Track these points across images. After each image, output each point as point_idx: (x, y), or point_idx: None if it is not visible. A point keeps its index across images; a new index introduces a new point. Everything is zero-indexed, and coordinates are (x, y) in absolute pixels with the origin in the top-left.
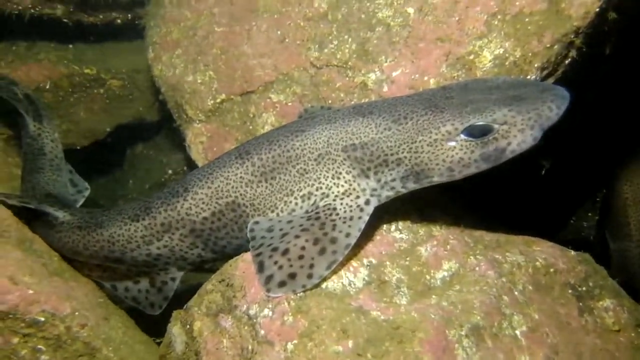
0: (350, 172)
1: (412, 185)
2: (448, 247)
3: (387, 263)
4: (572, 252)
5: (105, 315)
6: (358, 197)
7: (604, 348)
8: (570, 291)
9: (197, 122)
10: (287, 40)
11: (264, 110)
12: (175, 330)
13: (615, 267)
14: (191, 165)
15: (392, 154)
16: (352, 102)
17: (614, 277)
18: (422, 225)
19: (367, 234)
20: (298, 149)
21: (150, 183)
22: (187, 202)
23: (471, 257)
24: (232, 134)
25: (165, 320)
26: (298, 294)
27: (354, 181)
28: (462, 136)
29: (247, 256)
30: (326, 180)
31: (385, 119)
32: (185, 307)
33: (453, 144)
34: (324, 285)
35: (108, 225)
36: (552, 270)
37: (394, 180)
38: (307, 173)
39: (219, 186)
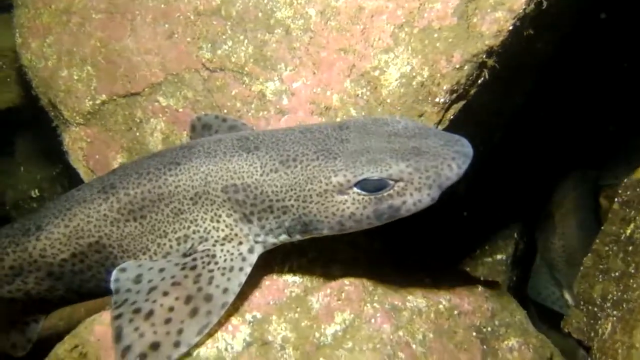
0: (232, 215)
1: (299, 236)
2: (343, 295)
3: (274, 318)
4: (480, 288)
5: None
6: (240, 243)
7: None
8: (474, 334)
9: (75, 125)
10: (175, 36)
11: (152, 115)
12: None
13: (540, 256)
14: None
15: (277, 200)
16: (249, 114)
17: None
18: (318, 265)
19: (255, 278)
20: (171, 185)
21: (44, 174)
22: (40, 242)
23: (368, 305)
24: (116, 140)
25: None
26: None
27: (236, 226)
28: (355, 189)
29: (106, 317)
30: (204, 223)
31: (272, 159)
32: None
33: (344, 197)
34: (194, 353)
35: None
36: (456, 312)
37: (279, 228)
38: (182, 213)
39: (78, 224)
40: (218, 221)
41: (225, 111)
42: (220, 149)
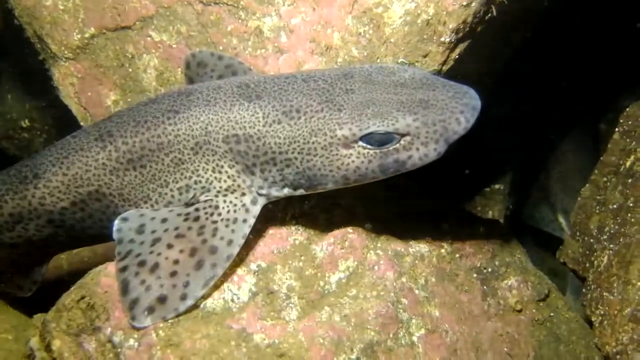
0: (234, 166)
1: (303, 190)
2: (346, 243)
3: (278, 267)
4: (481, 229)
5: None
6: (243, 194)
7: (504, 332)
8: (475, 275)
9: (64, 59)
10: None
11: (144, 50)
12: (34, 343)
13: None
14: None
15: (280, 153)
16: (246, 52)
17: None
18: (321, 211)
19: (258, 227)
20: (170, 134)
21: (33, 103)
22: (38, 190)
23: (371, 252)
24: (108, 76)
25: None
26: (169, 321)
27: (238, 177)
28: (361, 143)
29: (111, 269)
30: (205, 173)
31: (275, 109)
32: (43, 320)
33: (350, 151)
34: (201, 304)
35: None
36: (457, 255)
37: (282, 180)
38: (183, 163)
39: (77, 173)
40: (220, 172)
41: (221, 48)
42: (220, 96)
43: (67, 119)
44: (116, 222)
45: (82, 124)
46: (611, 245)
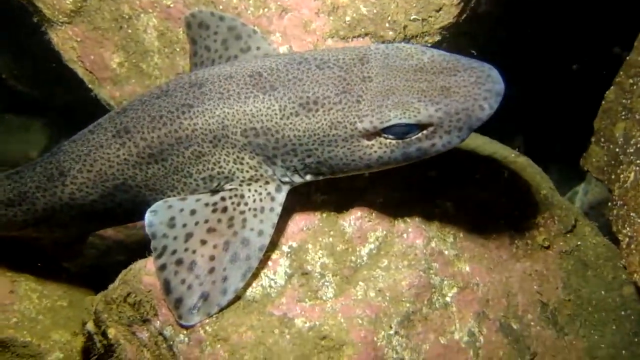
0: (254, 157)
1: (325, 176)
2: (373, 215)
3: (309, 245)
4: (505, 173)
5: (11, 289)
6: (267, 182)
7: (532, 270)
8: (502, 221)
9: (60, 24)
10: None
11: (141, 10)
12: (90, 327)
13: None
14: None
15: (300, 144)
16: (248, 12)
17: None
18: (345, 179)
19: (284, 205)
20: (187, 128)
21: None
22: (67, 187)
23: (398, 219)
24: (108, 38)
25: None
26: (214, 316)
27: (260, 167)
28: (382, 134)
29: (150, 266)
30: (227, 165)
31: (292, 101)
32: (95, 310)
33: (371, 142)
34: (241, 294)
35: None
36: (484, 206)
37: (304, 168)
38: (203, 156)
39: (101, 169)
40: (241, 163)
41: (221, 7)
42: (232, 88)
43: None
44: (147, 216)
45: (90, 86)
46: (638, 161)
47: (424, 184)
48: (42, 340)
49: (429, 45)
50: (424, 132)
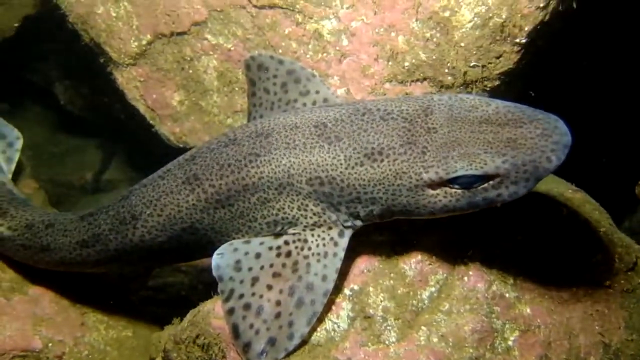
0: (319, 205)
1: (390, 219)
2: (433, 257)
3: (371, 289)
4: (564, 209)
5: (82, 321)
6: (330, 227)
7: (594, 310)
8: (563, 260)
9: (125, 65)
10: None
11: (202, 53)
12: None
13: None
14: None
15: (365, 193)
16: (307, 56)
17: None
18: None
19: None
20: (254, 177)
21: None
22: (137, 230)
23: (459, 262)
24: (171, 78)
25: None
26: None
27: (324, 213)
28: (448, 184)
29: (219, 310)
30: (291, 211)
31: (357, 152)
32: (164, 348)
33: (437, 191)
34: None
35: (56, 250)
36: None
37: (368, 215)
38: (269, 202)
39: (170, 213)
40: (305, 210)
41: (280, 51)
42: (298, 138)
43: None
44: (214, 258)
45: (151, 122)
46: None
47: (483, 225)
48: None
49: (488, 89)
50: (491, 182)
